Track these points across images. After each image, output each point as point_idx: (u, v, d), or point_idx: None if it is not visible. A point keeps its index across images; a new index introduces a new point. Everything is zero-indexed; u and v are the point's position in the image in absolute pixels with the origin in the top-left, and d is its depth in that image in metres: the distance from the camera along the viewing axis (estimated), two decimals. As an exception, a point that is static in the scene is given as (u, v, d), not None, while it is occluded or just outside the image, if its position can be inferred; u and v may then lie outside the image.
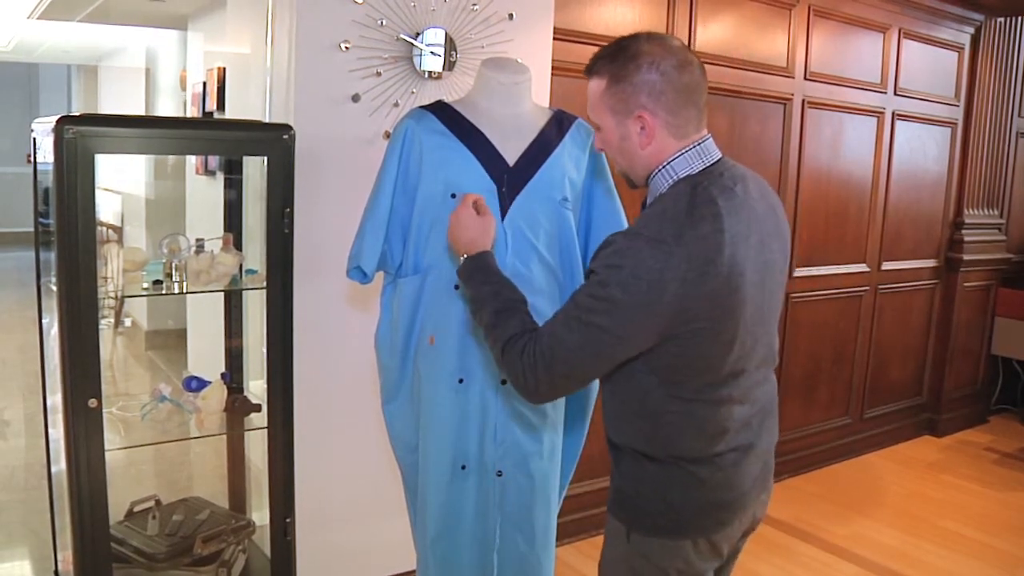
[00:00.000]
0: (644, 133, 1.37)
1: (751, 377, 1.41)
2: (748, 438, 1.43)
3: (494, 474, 1.87)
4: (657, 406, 1.37)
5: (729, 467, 1.41)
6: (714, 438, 1.38)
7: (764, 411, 1.48)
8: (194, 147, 2.38)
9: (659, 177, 1.39)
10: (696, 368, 1.34)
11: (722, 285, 1.28)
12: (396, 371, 1.91)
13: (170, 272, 2.15)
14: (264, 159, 2.10)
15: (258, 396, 2.39)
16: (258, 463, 2.52)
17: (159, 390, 2.26)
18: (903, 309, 4.46)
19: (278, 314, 2.12)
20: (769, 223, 1.40)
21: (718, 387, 1.37)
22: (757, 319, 1.37)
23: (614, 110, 1.38)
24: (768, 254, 1.38)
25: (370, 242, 1.83)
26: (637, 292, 1.26)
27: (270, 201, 2.07)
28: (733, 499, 1.42)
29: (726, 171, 1.38)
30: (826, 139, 3.86)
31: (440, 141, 1.80)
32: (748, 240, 1.32)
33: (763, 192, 1.43)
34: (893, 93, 4.14)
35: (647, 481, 1.41)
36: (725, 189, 1.34)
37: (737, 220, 1.31)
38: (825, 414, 4.15)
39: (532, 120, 1.88)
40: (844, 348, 4.17)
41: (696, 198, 1.31)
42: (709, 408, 1.37)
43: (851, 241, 4.10)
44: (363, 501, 2.58)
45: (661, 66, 1.34)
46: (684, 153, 1.37)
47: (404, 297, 1.86)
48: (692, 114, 1.37)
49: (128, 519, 2.37)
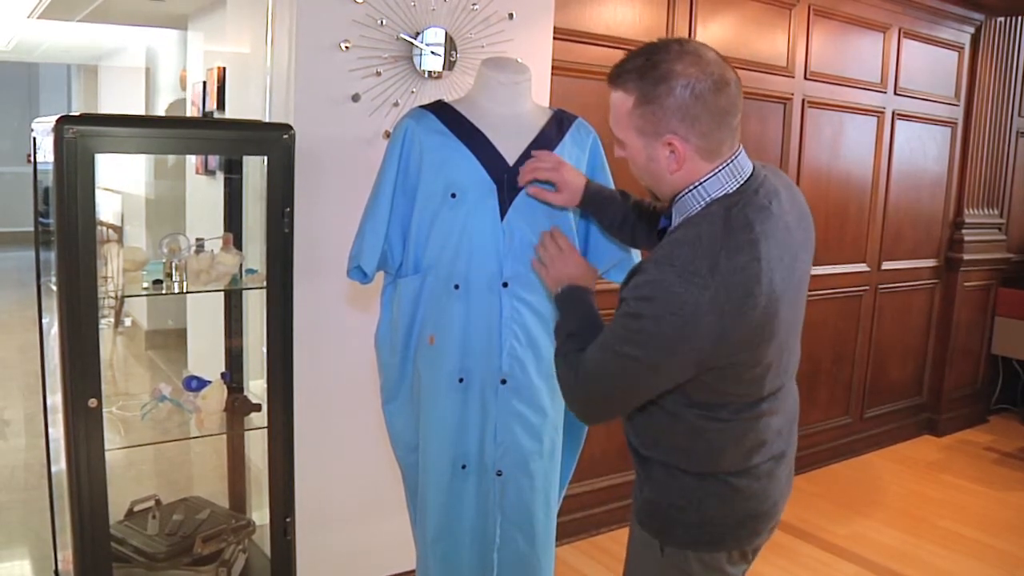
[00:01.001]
0: (673, 158, 1.29)
1: (784, 389, 1.40)
2: (781, 447, 1.42)
3: (494, 474, 1.87)
4: (694, 426, 1.34)
5: (765, 477, 1.39)
6: (752, 451, 1.37)
7: (792, 419, 1.47)
8: (194, 147, 2.38)
9: (689, 198, 1.31)
10: (736, 394, 1.31)
11: (761, 315, 1.23)
12: (396, 371, 1.91)
13: (170, 272, 2.15)
14: (264, 159, 2.10)
15: (258, 396, 2.39)
16: (258, 463, 2.53)
17: (159, 390, 2.26)
18: (903, 309, 4.46)
19: (278, 314, 2.12)
20: (799, 234, 1.35)
21: (757, 404, 1.34)
22: (791, 333, 1.34)
23: (642, 131, 1.30)
24: (799, 270, 1.33)
25: (370, 242, 1.83)
26: (670, 326, 1.20)
27: (270, 201, 2.07)
28: (767, 508, 1.41)
29: (761, 187, 1.30)
30: (826, 139, 3.86)
31: (440, 141, 1.80)
32: (783, 261, 1.26)
33: (794, 199, 1.37)
34: (893, 93, 4.14)
35: (682, 493, 1.38)
36: (761, 209, 1.26)
37: (774, 243, 1.25)
38: (825, 414, 4.15)
39: (532, 120, 1.88)
40: (844, 348, 4.17)
41: (731, 223, 1.23)
42: (748, 424, 1.35)
43: (851, 241, 4.10)
44: (363, 501, 2.58)
45: (696, 88, 1.24)
46: (717, 174, 1.29)
47: (404, 297, 1.86)
48: (726, 135, 1.29)
49: (128, 519, 2.37)
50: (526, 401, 1.85)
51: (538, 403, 1.86)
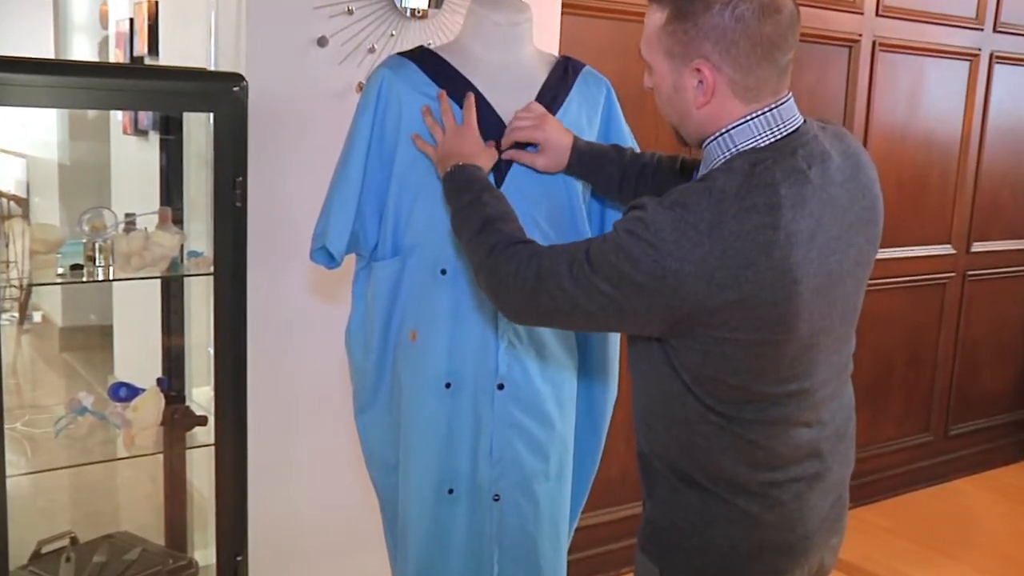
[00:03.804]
0: (701, 89, 1.34)
1: (818, 394, 1.41)
2: (815, 467, 1.44)
3: (490, 498, 1.90)
4: (690, 413, 1.38)
5: (789, 502, 1.41)
6: (766, 466, 1.39)
7: (837, 433, 1.48)
8: (120, 100, 2.36)
9: (714, 147, 1.37)
10: (729, 385, 1.35)
11: (764, 293, 1.26)
12: (371, 374, 1.95)
13: (92, 255, 2.18)
14: (209, 116, 2.14)
15: (203, 406, 2.45)
16: (203, 489, 2.57)
17: (77, 400, 2.29)
18: (999, 301, 4.46)
19: (228, 306, 2.17)
20: (855, 212, 1.38)
21: (770, 407, 1.37)
22: (823, 330, 1.36)
23: (670, 53, 1.36)
24: (847, 256, 1.36)
25: (338, 218, 1.86)
26: (649, 274, 1.27)
27: (217, 168, 2.12)
28: (794, 542, 1.42)
29: (803, 147, 1.34)
30: (903, 90, 3.87)
31: (423, 98, 1.83)
32: (813, 240, 1.30)
33: (856, 171, 1.41)
34: (992, 30, 4.11)
35: (684, 511, 1.43)
36: (794, 172, 1.30)
37: (802, 214, 1.28)
38: (899, 430, 4.18)
39: (533, 70, 1.92)
40: (922, 348, 4.19)
41: (752, 181, 1.28)
42: (757, 427, 1.37)
43: (932, 216, 4.10)
44: (332, 533, 2.63)
45: (738, 9, 1.29)
46: (750, 120, 1.34)
47: (381, 284, 1.90)
48: (769, 73, 1.33)
49: (34, 563, 2.36)
50: (528, 410, 1.88)
51: (543, 412, 1.90)
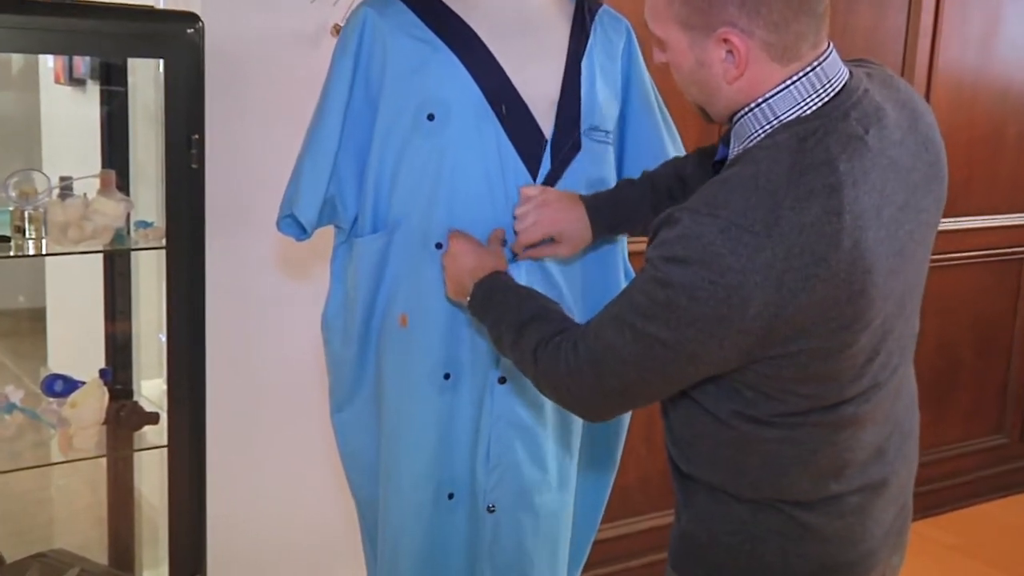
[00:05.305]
0: (732, 61, 1.31)
1: (888, 385, 1.42)
2: (881, 472, 1.44)
3: (484, 509, 1.91)
4: (742, 433, 1.38)
5: (851, 514, 1.42)
6: (830, 475, 1.39)
7: (902, 432, 1.48)
8: (53, 43, 2.33)
9: (749, 120, 1.35)
10: (802, 394, 1.34)
11: (840, 289, 1.25)
12: (352, 365, 1.96)
13: (20, 225, 2.18)
14: (159, 63, 2.15)
15: (154, 402, 2.46)
16: (153, 498, 2.59)
17: (4, 396, 2.31)
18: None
19: (183, 285, 2.17)
20: (919, 172, 1.37)
21: (835, 408, 1.36)
22: (896, 313, 1.36)
23: (687, 24, 1.32)
24: (914, 224, 1.36)
25: (309, 181, 1.86)
26: (709, 301, 1.23)
27: (169, 125, 2.12)
28: (855, 559, 1.43)
29: (855, 107, 1.32)
30: (974, 33, 3.86)
31: (412, 47, 1.82)
32: (881, 215, 1.29)
33: (914, 119, 1.40)
34: None
35: (729, 524, 1.43)
36: (851, 140, 1.29)
37: (867, 189, 1.27)
38: (966, 431, 4.20)
39: (543, 12, 1.91)
40: (995, 335, 4.20)
41: (804, 160, 1.26)
42: (821, 435, 1.37)
43: (1007, 180, 4.10)
44: (303, 548, 2.65)
45: None
46: (791, 85, 1.31)
47: (363, 262, 1.90)
48: (807, 27, 1.30)
49: None
50: (532, 409, 1.90)
51: (548, 412, 1.91)
